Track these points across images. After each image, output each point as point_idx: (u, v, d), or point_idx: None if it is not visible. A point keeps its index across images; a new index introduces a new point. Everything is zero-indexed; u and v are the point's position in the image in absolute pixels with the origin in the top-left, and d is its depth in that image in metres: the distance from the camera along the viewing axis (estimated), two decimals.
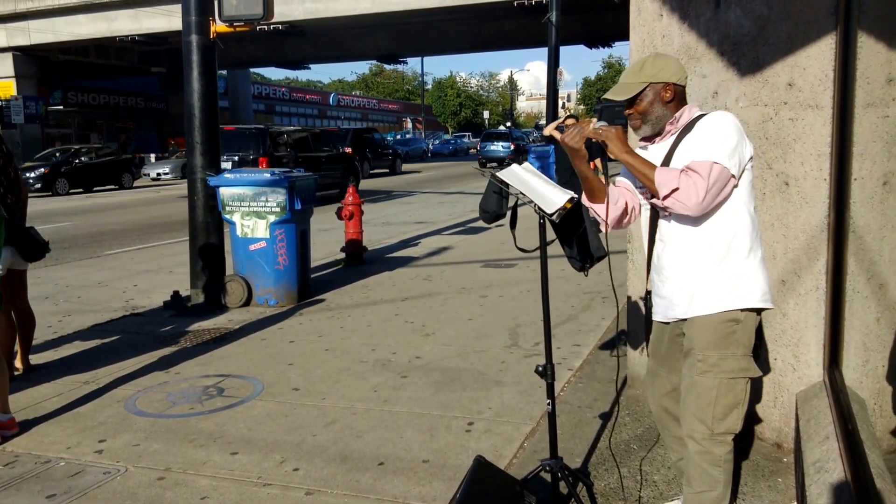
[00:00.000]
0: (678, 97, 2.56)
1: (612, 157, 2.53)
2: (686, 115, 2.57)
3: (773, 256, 3.39)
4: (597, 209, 2.70)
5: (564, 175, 9.42)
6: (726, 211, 2.48)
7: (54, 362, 5.32)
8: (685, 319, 2.60)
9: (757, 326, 2.59)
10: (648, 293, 2.80)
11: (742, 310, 2.49)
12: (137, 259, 10.20)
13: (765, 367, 3.50)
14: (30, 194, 5.78)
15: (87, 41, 32.94)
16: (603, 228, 2.75)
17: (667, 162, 2.53)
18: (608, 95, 2.64)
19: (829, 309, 3.22)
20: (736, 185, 2.45)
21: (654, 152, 2.61)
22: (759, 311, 2.54)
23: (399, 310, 6.61)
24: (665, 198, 2.41)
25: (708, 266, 2.51)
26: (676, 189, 2.38)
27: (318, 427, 4.02)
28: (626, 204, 2.72)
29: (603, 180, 2.69)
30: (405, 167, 34.12)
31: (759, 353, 2.63)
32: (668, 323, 2.71)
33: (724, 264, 2.49)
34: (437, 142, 56.25)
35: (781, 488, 3.16)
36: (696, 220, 2.50)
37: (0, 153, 4.56)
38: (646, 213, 2.74)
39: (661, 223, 2.64)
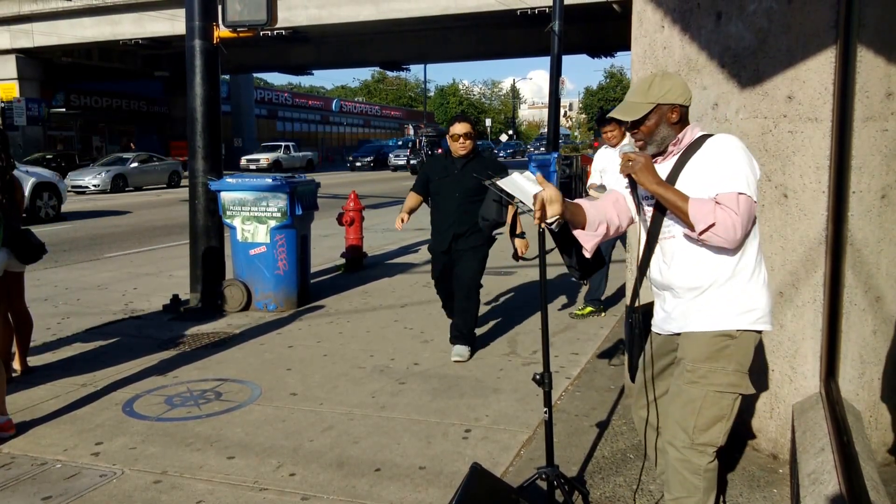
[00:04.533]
0: (683, 118, 2.57)
1: (643, 188, 2.55)
2: (689, 135, 2.58)
3: (771, 268, 3.40)
4: (578, 235, 2.75)
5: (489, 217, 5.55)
6: None
7: (52, 364, 5.32)
8: (679, 333, 2.62)
9: (756, 345, 2.60)
10: (633, 309, 2.81)
11: (737, 329, 2.51)
12: (137, 262, 10.21)
13: (762, 378, 3.50)
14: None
15: (91, 44, 33.02)
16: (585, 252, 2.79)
17: (671, 182, 2.54)
18: (614, 114, 2.63)
19: (827, 321, 3.23)
20: None
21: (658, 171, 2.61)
22: (757, 331, 2.56)
23: (398, 316, 6.62)
24: (702, 232, 2.41)
25: (712, 286, 2.53)
26: (713, 224, 2.38)
27: (315, 432, 4.02)
28: (608, 226, 2.74)
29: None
30: None
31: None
32: (661, 335, 2.74)
33: (728, 285, 2.51)
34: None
35: (777, 499, 3.16)
36: (702, 243, 2.50)
37: (3, 156, 4.56)
38: (641, 227, 2.75)
39: (665, 243, 2.63)
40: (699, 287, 2.55)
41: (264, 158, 37.85)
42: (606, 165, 6.27)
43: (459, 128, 5.21)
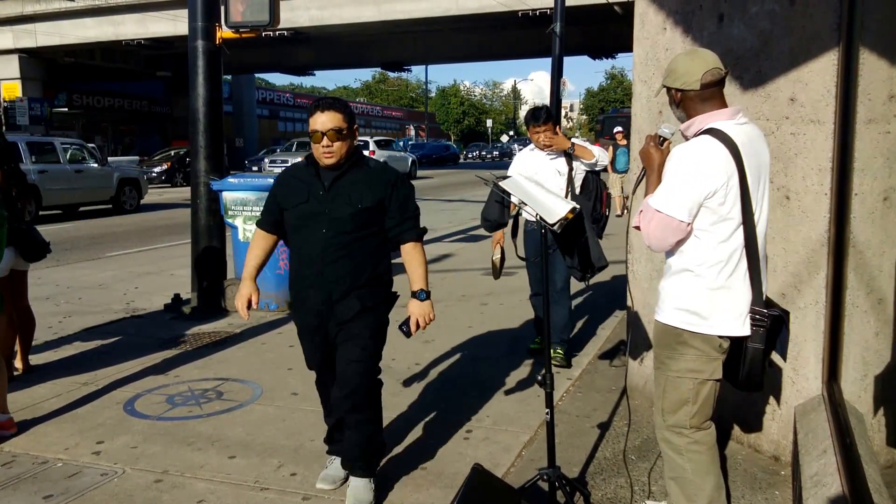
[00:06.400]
0: (689, 102, 2.59)
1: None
2: (696, 125, 2.58)
3: (773, 270, 3.40)
4: None
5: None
6: (688, 239, 2.56)
7: (54, 363, 5.32)
8: None
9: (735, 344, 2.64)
10: None
11: (675, 326, 2.62)
12: (139, 261, 10.22)
13: (763, 380, 3.50)
14: None
15: (94, 44, 33.05)
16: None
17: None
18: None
19: (829, 323, 3.23)
20: (690, 225, 2.51)
21: None
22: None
23: (398, 316, 6.59)
24: (636, 228, 2.63)
25: (669, 277, 2.66)
26: (638, 226, 2.59)
27: (316, 432, 4.02)
28: None
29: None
30: None
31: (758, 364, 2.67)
32: None
33: (677, 281, 2.62)
34: None
35: (779, 501, 3.16)
36: None
37: (7, 158, 4.56)
38: None
39: None
40: (665, 274, 2.70)
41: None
42: (538, 170, 4.73)
43: (321, 120, 2.99)
